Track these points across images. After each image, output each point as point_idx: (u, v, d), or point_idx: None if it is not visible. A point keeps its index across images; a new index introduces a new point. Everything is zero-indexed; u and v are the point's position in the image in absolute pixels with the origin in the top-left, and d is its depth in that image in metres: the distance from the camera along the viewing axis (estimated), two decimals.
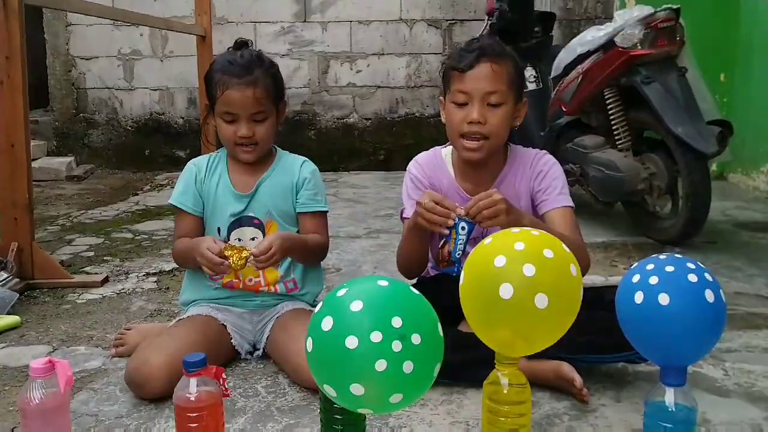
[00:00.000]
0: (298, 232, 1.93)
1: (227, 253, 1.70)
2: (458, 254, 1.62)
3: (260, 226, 1.90)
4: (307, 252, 1.90)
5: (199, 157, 2.01)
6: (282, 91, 1.91)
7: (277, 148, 1.99)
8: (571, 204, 1.83)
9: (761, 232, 3.33)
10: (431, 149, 1.98)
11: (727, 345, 1.95)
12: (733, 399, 1.65)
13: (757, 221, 3.56)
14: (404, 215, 1.92)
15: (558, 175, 1.86)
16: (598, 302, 1.68)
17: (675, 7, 2.95)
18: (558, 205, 1.81)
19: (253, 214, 1.90)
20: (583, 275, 1.72)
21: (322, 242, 1.93)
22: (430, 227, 1.66)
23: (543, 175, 1.85)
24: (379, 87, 5.65)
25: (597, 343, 1.63)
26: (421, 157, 1.96)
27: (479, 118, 1.73)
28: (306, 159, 1.99)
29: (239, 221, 1.90)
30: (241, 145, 1.85)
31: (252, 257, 1.71)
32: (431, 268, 1.99)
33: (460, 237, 1.61)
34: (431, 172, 1.91)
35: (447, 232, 1.64)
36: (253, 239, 1.88)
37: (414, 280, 2.03)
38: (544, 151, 1.92)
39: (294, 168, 1.94)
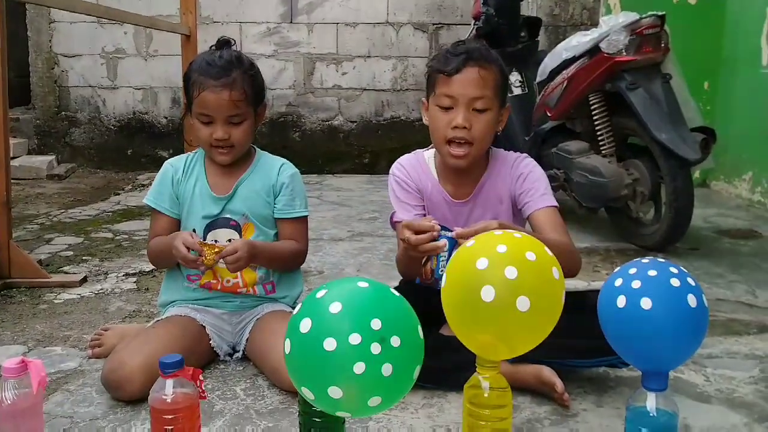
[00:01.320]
0: (276, 234, 1.91)
1: (203, 249, 1.69)
2: (441, 272, 1.57)
3: (237, 228, 1.87)
4: (277, 261, 1.88)
5: (176, 157, 1.98)
6: (261, 94, 1.88)
7: (257, 149, 1.96)
8: (555, 203, 1.82)
9: (743, 239, 3.35)
10: (413, 152, 1.96)
11: (708, 351, 1.95)
12: (714, 405, 1.65)
13: (739, 228, 3.58)
14: (395, 219, 1.87)
15: (539, 177, 1.84)
16: (580, 306, 1.67)
17: (660, 14, 2.97)
18: (542, 205, 1.79)
19: (229, 216, 1.88)
20: (574, 275, 1.74)
21: (296, 249, 1.90)
22: (424, 255, 1.61)
23: (524, 177, 1.84)
24: (364, 90, 5.64)
25: (579, 347, 1.63)
26: (404, 159, 1.94)
27: (464, 123, 1.71)
28: (285, 161, 1.95)
29: (215, 223, 1.87)
30: (217, 147, 1.82)
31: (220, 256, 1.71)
32: None
33: (441, 256, 1.57)
34: (415, 174, 1.89)
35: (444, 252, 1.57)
36: (229, 240, 1.85)
37: (396, 282, 2.02)
38: (524, 155, 1.91)
39: (272, 170, 1.91)
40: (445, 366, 1.60)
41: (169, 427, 1.22)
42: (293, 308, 1.91)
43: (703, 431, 1.51)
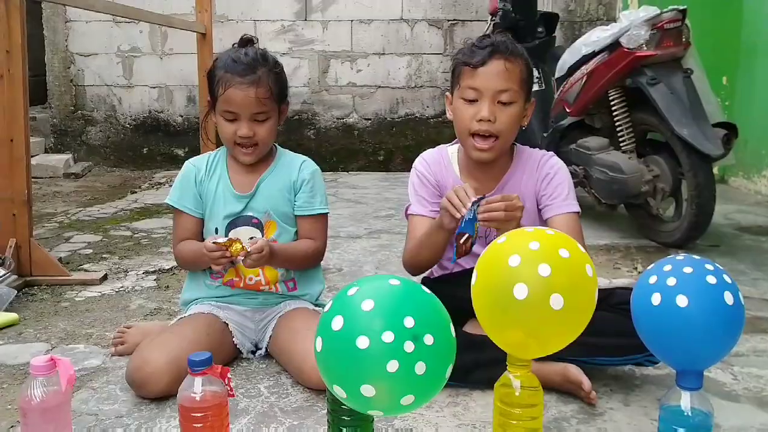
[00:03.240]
0: (296, 232, 1.90)
1: (229, 245, 1.70)
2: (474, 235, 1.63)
3: (259, 225, 1.87)
4: (293, 262, 1.87)
5: (197, 156, 1.97)
6: (285, 92, 1.88)
7: (278, 147, 1.95)
8: (576, 210, 1.80)
9: (764, 236, 3.32)
10: (438, 147, 1.95)
11: (736, 349, 1.88)
12: (742, 404, 1.63)
13: (760, 225, 3.54)
14: (409, 211, 1.89)
15: (564, 180, 1.83)
16: (607, 304, 1.66)
17: (681, 8, 2.93)
18: (562, 211, 1.78)
19: (251, 214, 1.87)
20: None
21: (314, 248, 1.89)
22: (451, 210, 1.62)
23: (550, 178, 1.82)
24: (379, 87, 5.63)
25: (606, 345, 1.61)
26: (428, 154, 1.94)
27: (489, 116, 1.70)
28: (306, 158, 1.95)
29: (236, 221, 1.87)
30: (241, 145, 1.81)
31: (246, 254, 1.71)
32: (435, 267, 1.97)
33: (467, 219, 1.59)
34: (437, 169, 1.88)
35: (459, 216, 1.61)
36: (251, 238, 1.85)
37: (419, 279, 2.01)
38: (551, 153, 1.89)
39: (293, 168, 1.91)
40: (469, 363, 1.59)
41: (199, 425, 1.22)
42: (315, 305, 1.90)
43: (732, 430, 1.49)
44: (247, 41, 1.88)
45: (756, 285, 2.55)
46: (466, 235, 1.62)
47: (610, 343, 1.61)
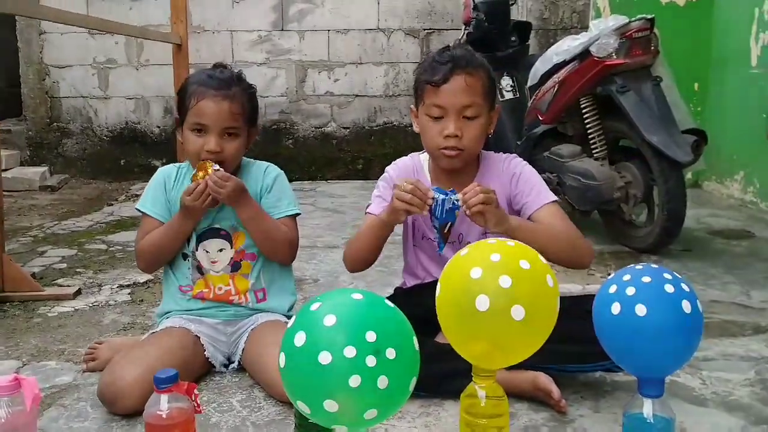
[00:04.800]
0: None
1: (199, 174, 1.75)
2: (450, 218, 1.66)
3: (227, 237, 1.88)
4: (263, 223, 1.83)
5: (168, 166, 1.98)
6: (256, 115, 1.89)
7: (242, 158, 1.94)
8: (554, 198, 1.83)
9: (735, 239, 3.36)
10: (411, 154, 1.98)
11: (704, 353, 1.95)
12: (710, 408, 1.65)
13: (732, 229, 3.59)
14: (368, 210, 1.90)
15: (531, 175, 1.86)
16: (576, 311, 1.67)
17: (649, 17, 2.98)
18: (542, 203, 1.80)
19: (219, 226, 1.88)
20: (587, 265, 1.82)
21: (290, 235, 1.88)
22: (408, 209, 1.64)
23: (518, 177, 1.85)
24: (357, 96, 5.64)
25: (575, 352, 1.63)
26: (401, 160, 1.97)
27: (456, 131, 1.73)
28: (269, 164, 1.96)
29: (204, 234, 1.87)
30: (206, 160, 1.78)
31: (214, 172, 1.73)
32: (407, 277, 1.98)
33: (441, 205, 1.63)
34: (406, 174, 1.90)
35: (426, 214, 1.65)
36: (220, 251, 1.87)
37: (391, 290, 2.02)
38: (513, 155, 1.93)
39: (258, 176, 1.92)
40: (441, 374, 1.60)
41: None
42: (288, 318, 1.91)
43: None
44: (221, 65, 1.90)
45: (726, 289, 2.58)
46: (449, 224, 1.68)
47: (579, 350, 1.62)
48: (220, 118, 1.77)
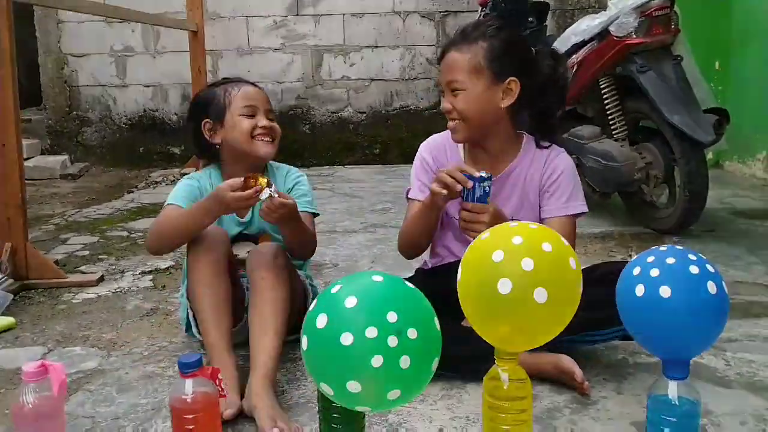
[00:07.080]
0: None
1: (254, 182, 1.64)
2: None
3: (255, 239, 1.93)
4: (301, 232, 1.82)
5: (191, 174, 1.99)
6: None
7: (268, 164, 1.99)
8: (575, 212, 1.80)
9: (759, 219, 3.32)
10: (445, 132, 1.92)
11: (728, 335, 1.93)
12: (735, 389, 1.64)
13: (755, 209, 3.55)
14: (410, 195, 1.91)
15: (568, 180, 1.81)
16: (590, 278, 1.64)
17: None
18: (559, 214, 1.79)
19: (248, 232, 1.93)
20: None
21: (313, 235, 1.92)
22: (446, 195, 1.66)
23: (554, 177, 1.81)
24: (373, 80, 5.62)
25: (593, 318, 1.58)
26: (433, 139, 1.95)
27: (447, 106, 1.77)
28: (291, 168, 2.04)
29: (235, 238, 1.90)
30: (262, 136, 1.86)
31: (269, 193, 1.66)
32: (429, 256, 1.97)
33: (473, 191, 1.64)
34: (440, 155, 1.89)
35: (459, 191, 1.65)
36: (248, 252, 1.88)
37: (410, 273, 2.02)
38: (561, 150, 1.86)
39: (280, 179, 1.97)
40: (465, 356, 1.60)
41: (190, 427, 1.23)
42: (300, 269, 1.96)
43: (725, 416, 1.50)
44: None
45: (750, 269, 2.56)
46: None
47: (595, 316, 1.58)
48: (263, 100, 1.90)
